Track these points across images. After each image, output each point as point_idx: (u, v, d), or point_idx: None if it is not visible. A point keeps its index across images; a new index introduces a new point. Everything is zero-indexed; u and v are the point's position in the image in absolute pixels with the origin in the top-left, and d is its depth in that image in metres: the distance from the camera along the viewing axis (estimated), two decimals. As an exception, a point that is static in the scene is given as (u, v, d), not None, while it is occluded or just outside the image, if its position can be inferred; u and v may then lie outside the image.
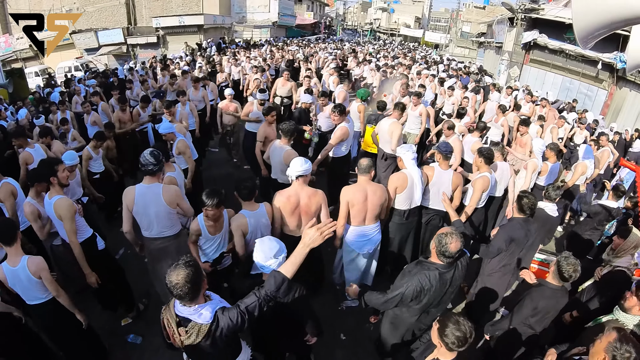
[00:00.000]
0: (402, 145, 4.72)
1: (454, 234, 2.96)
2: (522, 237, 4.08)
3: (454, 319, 2.43)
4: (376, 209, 4.31)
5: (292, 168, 4.01)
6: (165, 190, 3.85)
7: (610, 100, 16.26)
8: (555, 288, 3.45)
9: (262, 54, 18.93)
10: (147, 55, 28.10)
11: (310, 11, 46.19)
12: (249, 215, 3.81)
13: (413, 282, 3.06)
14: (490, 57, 27.34)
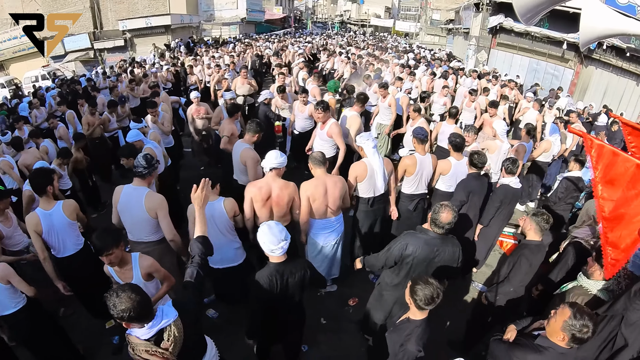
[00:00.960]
0: (362, 134, 4.70)
1: (448, 207, 3.16)
2: (478, 187, 4.66)
3: (425, 279, 2.61)
4: (337, 201, 4.33)
5: (267, 160, 4.04)
6: (148, 196, 3.82)
7: (577, 79, 16.69)
8: (538, 244, 3.69)
9: (229, 51, 18.67)
10: (115, 59, 27.58)
11: (279, 6, 45.79)
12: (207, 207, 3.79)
13: (400, 241, 3.32)
14: (459, 43, 27.65)
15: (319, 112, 5.71)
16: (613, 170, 2.83)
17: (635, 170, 2.74)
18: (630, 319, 3.14)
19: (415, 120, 6.83)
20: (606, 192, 2.88)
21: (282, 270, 2.99)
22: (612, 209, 2.86)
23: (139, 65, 15.85)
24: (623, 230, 2.85)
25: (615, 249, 2.92)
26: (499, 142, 6.31)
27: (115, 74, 14.88)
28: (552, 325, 2.48)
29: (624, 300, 3.22)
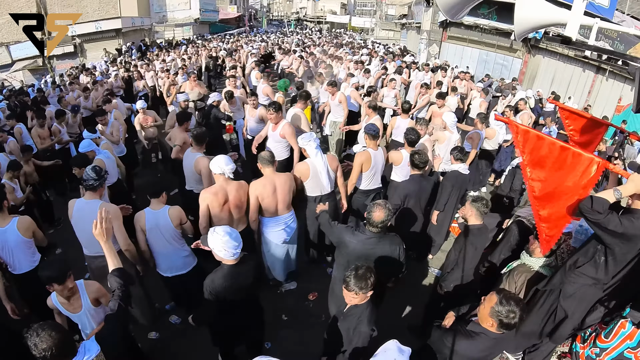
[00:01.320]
0: (303, 135, 4.75)
1: (381, 205, 3.21)
2: (417, 190, 4.60)
3: (356, 266, 2.75)
4: (287, 197, 4.44)
5: (215, 165, 4.09)
6: (102, 208, 3.71)
7: (525, 68, 17.31)
8: (480, 227, 3.84)
9: (180, 54, 18.28)
10: (65, 66, 26.71)
11: (234, 4, 45.25)
12: (149, 213, 3.93)
13: (341, 231, 3.47)
14: (412, 38, 28.16)
15: (271, 113, 5.72)
16: (539, 153, 3.03)
17: (560, 152, 2.94)
18: (567, 292, 3.32)
19: (370, 117, 6.94)
20: (535, 173, 3.08)
21: (235, 272, 3.06)
22: (541, 188, 3.07)
23: (89, 73, 15.41)
24: (553, 208, 3.07)
25: (549, 226, 3.14)
26: (448, 133, 6.55)
27: (65, 83, 14.36)
28: (482, 312, 2.58)
29: (560, 275, 3.41)
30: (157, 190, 3.99)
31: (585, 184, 2.90)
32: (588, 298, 3.33)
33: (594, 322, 3.59)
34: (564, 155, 2.93)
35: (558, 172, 2.98)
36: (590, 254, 3.18)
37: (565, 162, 2.94)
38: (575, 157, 2.90)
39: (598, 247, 3.10)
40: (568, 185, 2.96)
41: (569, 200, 2.97)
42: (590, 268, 3.17)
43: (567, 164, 2.93)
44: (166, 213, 3.93)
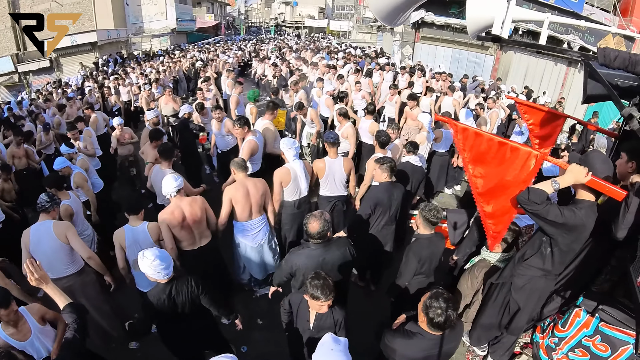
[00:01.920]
0: (285, 140, 4.89)
1: (315, 216, 3.26)
2: (386, 198, 4.48)
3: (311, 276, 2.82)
4: (259, 201, 4.54)
5: (165, 187, 4.18)
6: (55, 225, 3.95)
7: (498, 64, 17.58)
8: (429, 236, 3.78)
9: (156, 66, 18.08)
10: (41, 81, 26.42)
11: (211, 13, 45.20)
12: (128, 230, 4.01)
13: (287, 261, 3.46)
14: (387, 40, 28.22)
15: (236, 129, 5.78)
16: (479, 149, 3.11)
17: (498, 147, 3.02)
18: (517, 284, 3.41)
19: (342, 124, 6.98)
20: (476, 170, 3.17)
21: (168, 289, 3.16)
22: (484, 184, 3.16)
23: (62, 89, 15.32)
24: (497, 204, 3.15)
25: (495, 222, 3.21)
26: (425, 133, 6.68)
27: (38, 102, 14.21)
28: (418, 307, 2.64)
29: (509, 268, 3.50)
30: (135, 206, 4.08)
31: (525, 177, 2.96)
32: (539, 289, 3.40)
33: (551, 313, 3.71)
34: (502, 150, 3.00)
35: (498, 168, 3.05)
36: (536, 246, 3.26)
37: (505, 157, 3.01)
38: (513, 151, 2.97)
39: (543, 239, 3.18)
40: (509, 180, 3.03)
41: (510, 195, 3.03)
42: (537, 260, 3.26)
43: (506, 159, 3.00)
44: (145, 229, 4.03)
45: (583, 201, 2.95)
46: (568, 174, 2.86)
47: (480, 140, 3.09)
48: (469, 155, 3.17)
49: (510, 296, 3.52)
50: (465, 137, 3.14)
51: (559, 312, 3.63)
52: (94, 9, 29.48)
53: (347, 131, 6.85)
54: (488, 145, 3.05)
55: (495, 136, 3.09)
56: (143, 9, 33.51)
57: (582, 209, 2.92)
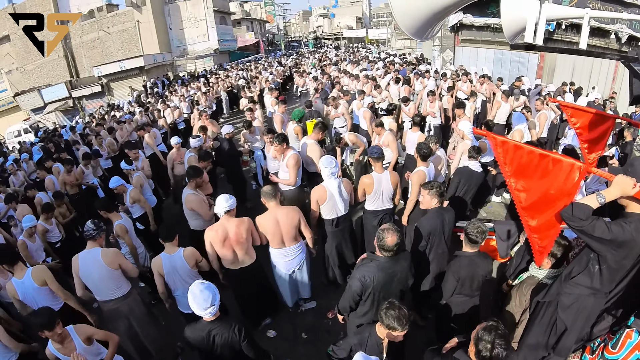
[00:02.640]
0: (323, 159, 4.86)
1: (391, 229, 3.27)
2: (440, 225, 4.28)
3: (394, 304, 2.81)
4: (291, 230, 4.56)
5: (218, 206, 4.32)
6: (103, 254, 4.08)
7: (543, 63, 16.86)
8: (470, 255, 3.67)
9: (199, 87, 18.34)
10: (94, 105, 27.97)
11: (251, 31, 46.29)
12: (165, 258, 4.13)
13: (356, 276, 3.41)
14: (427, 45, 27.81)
15: (275, 145, 5.85)
16: (520, 162, 2.99)
17: (539, 160, 2.90)
18: (564, 303, 3.22)
19: (381, 135, 6.95)
20: (519, 184, 3.03)
21: (209, 329, 3.18)
22: (527, 198, 3.02)
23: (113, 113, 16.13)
24: (542, 218, 2.99)
25: (540, 236, 3.06)
26: (468, 142, 6.49)
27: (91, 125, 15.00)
28: (471, 336, 2.54)
29: (556, 286, 3.33)
30: (170, 234, 4.18)
31: (569, 190, 2.83)
32: (587, 308, 3.19)
33: (601, 333, 3.48)
34: (544, 163, 2.88)
35: (541, 181, 2.92)
36: (584, 263, 3.08)
37: (547, 170, 2.88)
38: (555, 163, 2.85)
39: (591, 256, 3.00)
40: (552, 193, 2.89)
41: (555, 208, 2.88)
42: (585, 278, 3.07)
43: (549, 171, 2.87)
44: (181, 256, 4.13)
45: (632, 214, 2.75)
46: (614, 186, 2.69)
47: (521, 153, 2.97)
48: (510, 169, 3.04)
49: (557, 315, 3.31)
50: (506, 151, 3.03)
51: (610, 332, 3.41)
52: (140, 35, 30.97)
53: (387, 139, 6.81)
54: (529, 158, 2.94)
55: (536, 148, 2.98)
56: (186, 32, 34.88)
57: (631, 223, 2.71)
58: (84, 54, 31.64)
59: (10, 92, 30.65)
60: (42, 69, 30.66)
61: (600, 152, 4.54)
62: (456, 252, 3.85)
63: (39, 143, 14.21)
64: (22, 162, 10.58)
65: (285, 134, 6.08)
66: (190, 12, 34.30)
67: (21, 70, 30.54)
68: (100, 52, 31.48)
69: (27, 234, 5.69)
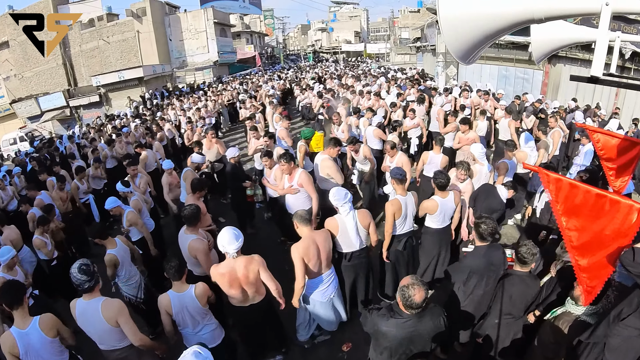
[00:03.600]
0: (334, 192, 4.46)
1: (417, 284, 2.88)
2: (483, 266, 3.90)
3: None
4: (329, 253, 4.21)
5: (227, 245, 3.72)
6: (104, 306, 3.44)
7: (547, 79, 16.88)
8: (522, 274, 3.59)
9: (196, 101, 17.61)
10: (91, 115, 27.72)
11: (250, 44, 46.44)
12: (174, 297, 3.67)
13: (371, 320, 3.13)
14: (428, 60, 28.05)
15: (283, 164, 5.47)
16: (574, 201, 2.82)
17: (596, 199, 2.70)
18: (612, 345, 3.09)
19: (394, 157, 6.64)
20: (571, 223, 2.87)
21: None
22: (579, 237, 2.87)
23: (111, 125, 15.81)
24: (593, 258, 2.86)
25: (590, 276, 2.93)
26: (479, 166, 6.30)
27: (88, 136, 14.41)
28: None
29: (604, 327, 3.19)
30: (179, 270, 3.70)
31: (626, 231, 2.63)
32: (635, 349, 3.03)
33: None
34: (600, 203, 2.68)
35: (596, 221, 2.73)
36: (634, 305, 2.94)
37: (603, 210, 2.68)
38: (613, 204, 2.64)
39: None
40: (607, 234, 2.71)
41: (609, 250, 2.73)
42: (635, 320, 2.92)
43: (604, 212, 2.68)
44: (192, 295, 3.69)
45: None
46: None
47: (576, 191, 2.78)
48: (563, 208, 2.85)
49: (603, 356, 3.17)
50: (559, 189, 2.84)
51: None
52: (139, 46, 30.90)
53: (401, 160, 6.48)
54: (584, 198, 2.73)
55: (593, 187, 2.76)
56: (185, 43, 34.97)
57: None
58: (82, 63, 31.54)
59: (7, 99, 30.38)
60: (40, 77, 30.52)
61: (628, 179, 4.37)
62: (506, 271, 3.76)
63: (34, 153, 13.83)
64: (15, 176, 9.99)
65: (291, 153, 5.73)
66: (191, 24, 34.44)
67: (19, 77, 30.38)
68: (99, 62, 31.39)
69: (6, 267, 4.84)
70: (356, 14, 69.77)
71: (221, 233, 3.80)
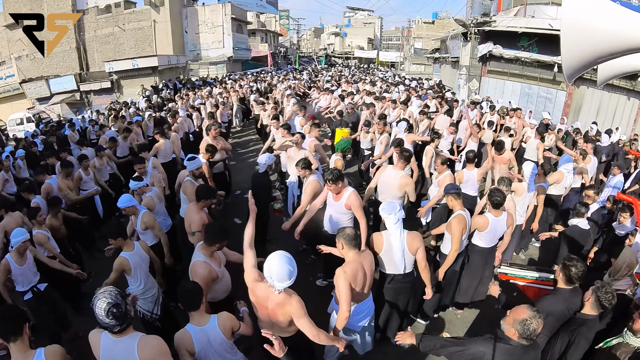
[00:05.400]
0: (385, 205, 4.06)
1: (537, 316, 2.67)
2: (562, 311, 3.58)
3: None
4: (372, 277, 3.77)
5: (277, 282, 2.98)
6: (142, 347, 2.73)
7: (570, 100, 16.71)
8: (592, 318, 3.38)
9: (205, 97, 16.31)
10: (102, 101, 27.44)
11: (265, 43, 46.31)
12: (195, 332, 3.03)
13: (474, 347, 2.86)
14: (447, 72, 27.87)
15: (330, 185, 4.71)
16: None
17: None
18: None
19: (442, 174, 6.26)
20: None
21: None
22: None
23: (127, 107, 15.42)
24: None
25: None
26: (525, 185, 6.04)
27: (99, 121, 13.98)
28: None
29: None
30: (195, 301, 3.10)
31: None
32: None
33: None
34: None
35: None
36: None
37: None
38: None
39: None
40: None
41: None
42: None
43: None
44: (216, 326, 3.09)
45: None
46: None
47: None
48: None
49: None
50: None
51: None
52: (155, 35, 30.65)
53: (445, 179, 6.09)
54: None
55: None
56: (201, 37, 34.73)
57: None
58: (96, 48, 31.25)
59: (18, 78, 29.97)
60: (53, 59, 30.19)
61: None
62: (579, 315, 3.45)
63: (40, 136, 13.34)
64: (18, 158, 9.29)
65: (337, 171, 4.79)
66: (208, 17, 34.19)
67: (31, 58, 30.00)
68: (113, 48, 31.13)
69: (16, 252, 4.46)
70: (370, 21, 69.87)
71: (273, 260, 3.02)
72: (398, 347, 4.42)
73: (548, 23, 16.08)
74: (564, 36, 2.51)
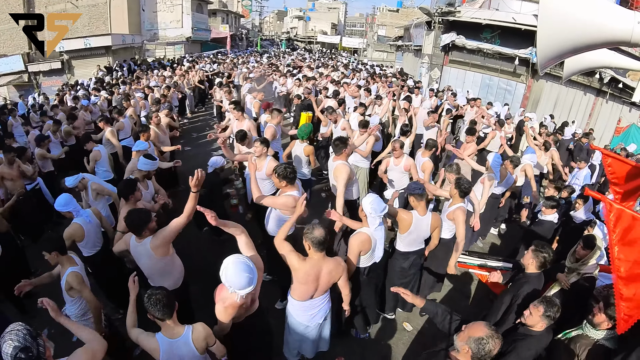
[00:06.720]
0: (368, 198, 3.96)
1: (495, 336, 2.54)
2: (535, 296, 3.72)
3: None
4: (327, 287, 3.66)
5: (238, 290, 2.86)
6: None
7: (529, 93, 17.31)
8: (536, 275, 3.83)
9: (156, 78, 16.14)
10: (52, 83, 26.10)
11: (226, 24, 45.23)
12: (164, 343, 2.81)
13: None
14: (409, 60, 28.08)
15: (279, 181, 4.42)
16: (632, 234, 2.82)
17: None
18: None
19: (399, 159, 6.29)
20: (623, 253, 2.89)
21: None
22: (629, 268, 2.88)
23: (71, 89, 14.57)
24: (638, 288, 2.87)
25: (630, 306, 2.95)
26: (493, 175, 6.15)
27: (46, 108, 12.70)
28: None
29: (636, 355, 3.16)
30: (167, 307, 2.82)
31: None
32: None
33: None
34: None
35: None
36: None
37: None
38: None
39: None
40: None
41: None
42: None
43: None
44: (189, 340, 2.87)
45: None
46: None
47: (635, 224, 2.78)
48: (618, 237, 2.85)
49: None
50: (618, 219, 2.83)
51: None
52: (109, 13, 29.29)
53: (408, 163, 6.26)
54: (644, 232, 2.73)
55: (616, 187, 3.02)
56: (159, 15, 33.51)
57: None
58: (45, 27, 29.63)
59: (-41, 58, 28.11)
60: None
61: (632, 204, 4.34)
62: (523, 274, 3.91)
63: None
64: None
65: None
66: (167, -5, 32.92)
67: (-24, 36, 28.22)
68: (65, 25, 29.61)
69: None
70: (335, 6, 69.47)
71: (229, 267, 2.86)
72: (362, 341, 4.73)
73: (512, 17, 16.52)
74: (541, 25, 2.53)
